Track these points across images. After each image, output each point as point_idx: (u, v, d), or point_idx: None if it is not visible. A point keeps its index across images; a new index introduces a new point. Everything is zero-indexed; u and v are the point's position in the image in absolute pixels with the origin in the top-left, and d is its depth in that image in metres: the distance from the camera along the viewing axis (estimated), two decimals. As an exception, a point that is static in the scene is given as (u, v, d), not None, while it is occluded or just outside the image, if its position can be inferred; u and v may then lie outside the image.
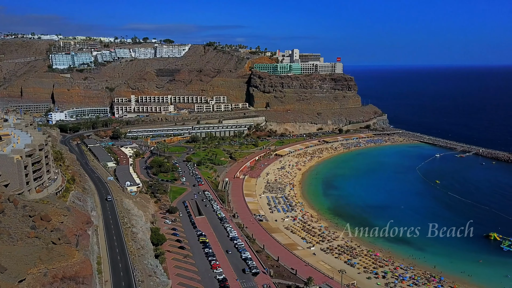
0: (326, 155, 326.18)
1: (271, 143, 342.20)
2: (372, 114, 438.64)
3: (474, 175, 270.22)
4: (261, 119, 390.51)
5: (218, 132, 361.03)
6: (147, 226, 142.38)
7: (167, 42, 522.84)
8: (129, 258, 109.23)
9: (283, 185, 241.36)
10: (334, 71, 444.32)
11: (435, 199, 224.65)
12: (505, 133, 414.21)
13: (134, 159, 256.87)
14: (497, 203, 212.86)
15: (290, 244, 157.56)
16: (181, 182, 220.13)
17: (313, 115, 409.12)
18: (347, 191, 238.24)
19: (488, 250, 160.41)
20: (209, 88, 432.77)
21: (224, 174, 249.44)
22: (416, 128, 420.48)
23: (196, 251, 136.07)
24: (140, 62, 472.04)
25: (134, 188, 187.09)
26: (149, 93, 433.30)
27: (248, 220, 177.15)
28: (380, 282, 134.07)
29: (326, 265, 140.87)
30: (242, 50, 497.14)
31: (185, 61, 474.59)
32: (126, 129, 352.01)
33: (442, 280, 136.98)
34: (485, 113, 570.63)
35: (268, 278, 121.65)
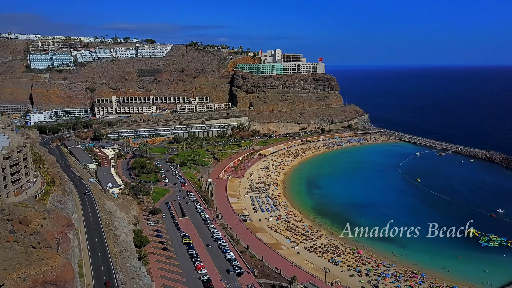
0: (309, 154, 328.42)
1: (254, 143, 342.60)
2: (354, 114, 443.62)
3: (453, 173, 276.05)
4: (245, 119, 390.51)
5: (201, 132, 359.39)
6: (129, 228, 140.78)
7: (149, 42, 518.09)
8: (111, 260, 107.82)
9: (267, 185, 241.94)
10: (316, 71, 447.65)
11: (416, 197, 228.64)
12: (482, 131, 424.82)
13: (115, 161, 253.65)
14: (476, 200, 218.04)
15: (274, 244, 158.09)
16: (164, 183, 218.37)
17: (296, 115, 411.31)
18: (330, 190, 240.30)
19: (467, 246, 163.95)
20: (192, 88, 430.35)
21: (207, 174, 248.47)
22: (397, 127, 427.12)
23: (180, 253, 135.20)
24: (121, 62, 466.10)
25: (116, 189, 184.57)
26: (130, 93, 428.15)
27: (232, 220, 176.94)
28: (363, 280, 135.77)
29: (310, 264, 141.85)
30: (224, 50, 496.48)
31: (167, 61, 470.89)
32: (108, 130, 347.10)
33: (423, 276, 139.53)
34: (463, 112, 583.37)
35: (252, 278, 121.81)
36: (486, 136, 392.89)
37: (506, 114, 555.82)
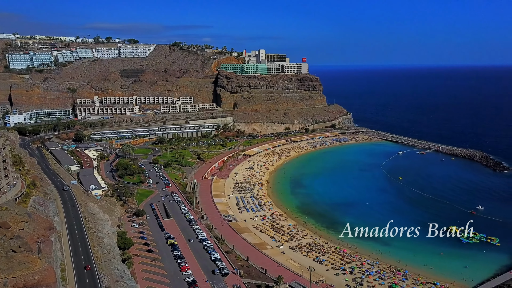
0: (293, 154, 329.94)
1: (239, 143, 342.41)
2: (337, 114, 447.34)
3: (435, 171, 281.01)
4: (229, 120, 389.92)
5: (185, 133, 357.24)
6: (113, 230, 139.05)
7: (131, 42, 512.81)
8: (94, 263, 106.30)
9: (252, 185, 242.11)
10: (299, 71, 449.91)
11: (398, 195, 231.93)
12: (462, 130, 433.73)
13: (98, 162, 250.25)
14: (456, 197, 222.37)
15: (260, 244, 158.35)
16: (148, 185, 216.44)
17: (280, 115, 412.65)
18: (314, 189, 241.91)
19: (448, 242, 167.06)
20: (175, 89, 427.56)
21: (192, 175, 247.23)
22: (379, 127, 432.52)
23: (165, 254, 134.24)
24: (103, 62, 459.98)
25: (99, 191, 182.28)
26: (113, 94, 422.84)
27: (217, 221, 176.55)
28: (347, 278, 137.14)
29: (295, 263, 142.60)
30: (208, 50, 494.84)
31: (150, 61, 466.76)
32: (90, 131, 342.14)
33: (407, 273, 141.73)
34: (444, 111, 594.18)
35: (238, 279, 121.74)
36: (466, 134, 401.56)
37: (485, 112, 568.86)
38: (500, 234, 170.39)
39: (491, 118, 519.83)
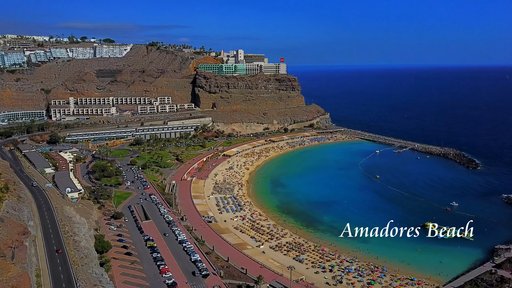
0: (273, 154, 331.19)
1: (218, 144, 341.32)
2: (316, 113, 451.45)
3: (411, 169, 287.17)
4: (208, 120, 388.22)
5: (163, 133, 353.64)
6: (90, 233, 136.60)
7: (107, 41, 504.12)
8: (71, 268, 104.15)
9: (232, 185, 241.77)
10: (278, 71, 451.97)
11: (376, 193, 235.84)
12: (436, 128, 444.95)
13: (74, 164, 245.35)
14: (432, 195, 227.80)
15: (240, 244, 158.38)
16: (126, 187, 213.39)
17: (259, 115, 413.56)
18: (294, 188, 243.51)
19: (425, 239, 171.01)
20: (153, 89, 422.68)
21: (170, 176, 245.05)
22: (357, 126, 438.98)
23: (144, 257, 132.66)
24: (78, 63, 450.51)
25: (76, 194, 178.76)
26: (89, 94, 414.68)
27: (197, 222, 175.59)
28: (327, 276, 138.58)
29: (276, 263, 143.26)
30: (186, 50, 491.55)
31: (127, 62, 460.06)
32: (65, 133, 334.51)
33: (385, 270, 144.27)
34: (419, 111, 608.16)
35: (218, 279, 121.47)
36: (440, 133, 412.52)
37: (459, 112, 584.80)
38: (473, 229, 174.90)
39: (464, 117, 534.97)
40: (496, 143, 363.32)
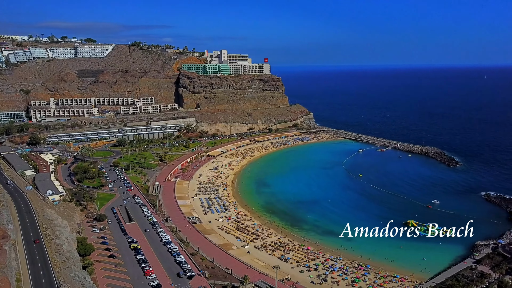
0: (257, 154, 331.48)
1: (202, 144, 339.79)
2: (299, 113, 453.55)
3: (393, 168, 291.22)
4: (192, 120, 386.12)
5: (146, 134, 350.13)
6: (72, 236, 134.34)
7: (89, 41, 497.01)
8: (53, 272, 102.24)
9: (216, 186, 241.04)
10: (262, 71, 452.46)
11: (359, 192, 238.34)
12: (418, 128, 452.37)
13: (55, 166, 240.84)
14: (414, 193, 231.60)
15: (225, 244, 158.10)
16: (109, 188, 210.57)
17: (244, 115, 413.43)
18: (279, 188, 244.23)
19: (407, 236, 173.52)
20: (136, 89, 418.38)
21: (154, 177, 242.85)
22: (340, 126, 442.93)
23: (128, 259, 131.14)
24: (59, 63, 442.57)
25: (57, 196, 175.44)
26: (70, 95, 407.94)
27: (181, 223, 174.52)
28: (312, 275, 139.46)
29: (261, 262, 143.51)
30: (169, 50, 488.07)
31: (109, 62, 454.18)
32: (46, 134, 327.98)
33: (369, 267, 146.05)
34: (401, 110, 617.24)
35: (203, 280, 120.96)
36: (421, 132, 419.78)
37: (439, 111, 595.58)
38: (454, 226, 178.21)
39: (443, 116, 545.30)
40: (474, 141, 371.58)
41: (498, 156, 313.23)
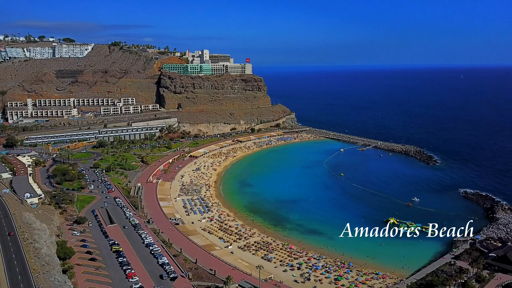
0: (240, 154, 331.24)
1: (185, 145, 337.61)
2: (282, 113, 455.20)
3: (374, 167, 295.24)
4: (174, 121, 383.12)
5: (127, 135, 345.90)
6: (52, 240, 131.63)
7: (67, 41, 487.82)
8: (32, 276, 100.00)
9: (199, 187, 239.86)
10: (244, 72, 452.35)
11: (341, 191, 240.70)
12: (397, 127, 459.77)
13: (33, 168, 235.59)
14: (394, 191, 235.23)
15: (208, 245, 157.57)
16: (89, 190, 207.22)
17: (226, 115, 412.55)
18: (261, 188, 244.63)
19: (388, 233, 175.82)
20: (116, 90, 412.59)
21: (136, 179, 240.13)
22: (322, 125, 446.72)
23: (109, 262, 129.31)
24: (36, 63, 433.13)
25: (35, 199, 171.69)
26: (48, 96, 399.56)
27: (163, 224, 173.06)
28: (295, 274, 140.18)
29: (244, 262, 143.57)
30: (150, 50, 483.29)
31: (88, 62, 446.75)
32: (23, 136, 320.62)
33: (351, 265, 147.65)
34: (381, 110, 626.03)
35: (187, 281, 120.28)
36: (401, 131, 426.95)
37: (417, 110, 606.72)
38: (433, 223, 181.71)
39: (421, 115, 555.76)
40: (451, 140, 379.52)
41: (474, 154, 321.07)
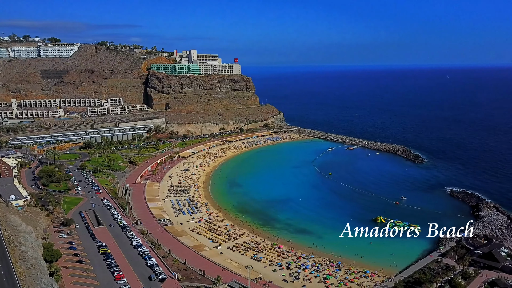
0: (229, 154, 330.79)
1: (173, 145, 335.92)
2: (270, 113, 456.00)
3: (362, 166, 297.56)
4: (162, 121, 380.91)
5: (115, 136, 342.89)
6: (38, 242, 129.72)
7: (53, 41, 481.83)
8: (17, 280, 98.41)
9: (188, 187, 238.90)
10: (232, 72, 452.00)
11: (329, 190, 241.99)
12: (384, 126, 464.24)
13: (19, 170, 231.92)
14: (382, 190, 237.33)
15: (197, 246, 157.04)
16: (76, 192, 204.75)
17: (215, 115, 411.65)
18: (250, 188, 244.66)
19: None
20: (103, 90, 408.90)
21: (123, 180, 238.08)
22: (310, 125, 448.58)
23: (97, 264, 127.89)
24: (21, 63, 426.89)
25: (21, 202, 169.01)
26: (33, 96, 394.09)
27: (152, 226, 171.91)
28: (284, 273, 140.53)
29: (233, 263, 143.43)
30: (137, 50, 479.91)
31: (74, 62, 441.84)
32: (8, 137, 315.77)
33: (340, 264, 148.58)
34: (367, 110, 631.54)
35: (176, 283, 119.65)
36: (389, 130, 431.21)
37: (403, 110, 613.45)
38: (420, 221, 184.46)
39: (407, 115, 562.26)
40: (437, 139, 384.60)
41: (460, 153, 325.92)
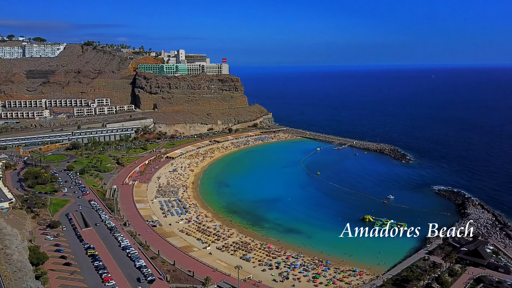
0: (217, 154, 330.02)
1: (161, 146, 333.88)
2: (259, 113, 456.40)
3: (350, 165, 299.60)
4: (149, 121, 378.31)
5: (102, 137, 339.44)
6: (24, 245, 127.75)
7: (38, 40, 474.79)
8: (3, 283, 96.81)
9: (176, 188, 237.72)
10: (220, 72, 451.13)
11: (318, 189, 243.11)
12: (372, 126, 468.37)
13: (3, 172, 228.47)
14: (370, 188, 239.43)
15: (186, 247, 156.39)
16: (63, 193, 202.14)
17: (203, 115, 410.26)
18: (239, 188, 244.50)
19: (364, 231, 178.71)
20: (90, 90, 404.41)
21: (111, 181, 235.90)
22: (298, 125, 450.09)
23: (85, 266, 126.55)
24: (5, 63, 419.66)
25: (6, 204, 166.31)
26: (18, 97, 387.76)
27: (140, 227, 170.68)
28: (274, 273, 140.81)
29: (223, 263, 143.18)
30: (125, 50, 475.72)
31: (60, 62, 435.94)
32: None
33: (329, 263, 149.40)
34: (355, 110, 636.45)
35: (165, 284, 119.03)
36: (376, 130, 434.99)
37: (392, 110, 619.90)
38: (408, 219, 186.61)
39: (393, 115, 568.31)
40: (424, 138, 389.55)
41: (446, 152, 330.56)
